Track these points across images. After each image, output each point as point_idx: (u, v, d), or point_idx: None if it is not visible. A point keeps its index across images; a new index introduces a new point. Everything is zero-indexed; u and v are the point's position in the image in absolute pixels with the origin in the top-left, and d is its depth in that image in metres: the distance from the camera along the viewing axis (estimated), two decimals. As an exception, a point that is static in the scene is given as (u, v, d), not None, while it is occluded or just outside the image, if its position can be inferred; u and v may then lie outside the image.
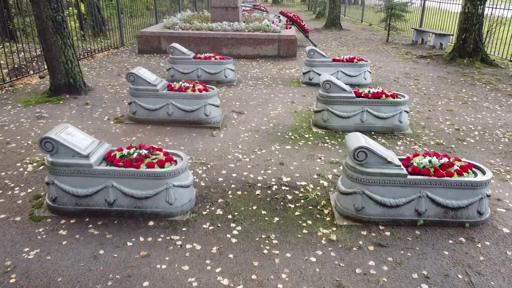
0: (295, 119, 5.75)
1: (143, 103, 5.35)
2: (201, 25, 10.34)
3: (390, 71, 8.92)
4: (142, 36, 10.11)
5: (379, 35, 14.99)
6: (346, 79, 7.43)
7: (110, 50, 10.64)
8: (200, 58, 7.50)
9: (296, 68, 8.98)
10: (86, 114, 5.75)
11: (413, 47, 12.04)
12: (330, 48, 11.93)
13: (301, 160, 4.44)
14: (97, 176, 3.23)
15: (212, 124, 5.41)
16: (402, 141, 5.01)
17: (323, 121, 5.33)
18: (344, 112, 5.23)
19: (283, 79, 8.07)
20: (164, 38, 10.01)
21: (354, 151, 3.16)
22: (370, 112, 5.21)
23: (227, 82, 7.55)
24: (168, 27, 10.56)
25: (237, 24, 10.39)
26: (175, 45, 7.45)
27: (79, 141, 3.32)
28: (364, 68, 7.48)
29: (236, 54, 9.94)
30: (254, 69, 8.84)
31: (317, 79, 7.40)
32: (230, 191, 3.77)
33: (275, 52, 9.91)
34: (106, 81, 7.55)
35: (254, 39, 9.82)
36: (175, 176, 3.26)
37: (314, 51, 7.38)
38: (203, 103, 5.30)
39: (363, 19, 21.12)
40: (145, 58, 9.76)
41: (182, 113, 5.36)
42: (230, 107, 6.21)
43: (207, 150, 4.66)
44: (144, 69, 5.48)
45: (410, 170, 3.26)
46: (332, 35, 15.04)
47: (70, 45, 6.19)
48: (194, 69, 7.47)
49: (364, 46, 12.32)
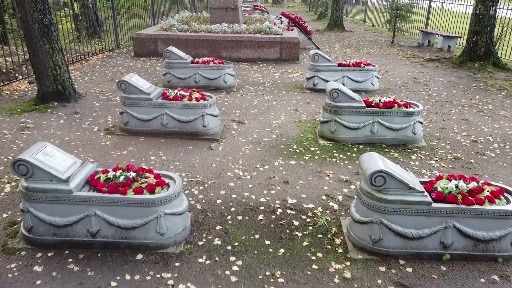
0: (300, 130, 5.37)
1: (136, 113, 4.97)
2: (200, 27, 9.97)
3: (397, 75, 8.54)
4: (138, 39, 9.73)
5: (384, 37, 14.62)
6: (352, 84, 7.05)
7: (105, 53, 10.26)
8: (198, 63, 7.12)
9: (299, 72, 8.60)
10: (75, 124, 5.37)
11: (420, 50, 11.66)
12: (333, 50, 11.55)
13: (308, 178, 4.06)
14: (78, 204, 2.85)
15: (210, 135, 5.03)
16: (417, 155, 4.63)
17: (330, 132, 4.95)
18: (353, 123, 4.85)
19: (285, 84, 7.69)
20: (161, 41, 9.63)
21: (371, 175, 2.78)
22: (381, 123, 4.83)
23: (226, 88, 7.17)
24: (165, 29, 10.18)
25: (237, 26, 10.01)
26: (171, 48, 7.07)
27: (58, 162, 2.94)
28: (372, 73, 7.10)
29: (236, 57, 9.57)
30: (255, 74, 8.46)
31: (322, 85, 7.04)
32: (229, 216, 3.39)
33: (276, 55, 9.54)
34: (99, 87, 7.16)
35: (255, 42, 9.45)
36: (167, 203, 2.88)
37: (319, 55, 7.00)
38: (200, 113, 4.92)
39: (365, 19, 20.76)
40: (141, 62, 9.38)
41: (177, 124, 4.98)
42: (230, 116, 5.83)
43: (204, 166, 4.28)
44: (137, 76, 5.10)
45: (434, 196, 2.88)
46: (335, 36, 14.67)
47: (58, 50, 5.81)
48: (191, 74, 7.09)
49: (369, 48, 11.95)
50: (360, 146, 4.84)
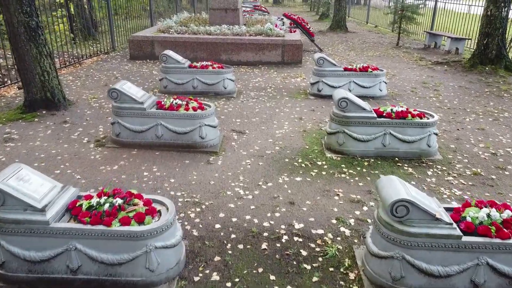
0: (305, 141, 5.02)
1: (128, 124, 4.62)
2: (199, 28, 9.62)
3: (405, 79, 8.19)
4: (134, 41, 9.38)
5: (388, 38, 14.27)
6: (359, 90, 6.71)
7: (100, 56, 9.92)
8: (196, 67, 6.77)
9: (302, 76, 8.25)
10: (63, 135, 5.02)
11: (427, 52, 11.31)
12: (336, 53, 11.21)
13: (315, 198, 3.71)
14: (56, 236, 2.50)
15: (208, 148, 4.68)
16: (433, 171, 4.28)
17: (338, 144, 4.60)
18: (363, 134, 4.50)
19: (288, 89, 7.34)
20: (158, 43, 9.28)
21: (392, 205, 2.43)
22: (394, 135, 4.48)
23: (226, 93, 6.82)
24: (162, 31, 9.83)
25: (237, 27, 9.66)
26: (168, 52, 6.72)
27: (34, 188, 2.59)
28: (380, 78, 6.75)
29: (236, 60, 9.22)
30: (256, 78, 8.11)
31: (327, 91, 6.70)
32: (229, 244, 3.04)
33: (278, 58, 9.19)
34: (91, 93, 6.81)
35: (256, 44, 9.10)
36: (158, 235, 2.53)
37: (324, 59, 6.65)
38: (198, 124, 4.57)
39: (368, 20, 20.41)
40: (137, 65, 9.03)
41: (173, 136, 4.63)
42: (230, 125, 5.48)
43: (202, 183, 3.93)
44: (130, 84, 4.75)
45: (463, 227, 2.53)
46: (338, 38, 14.32)
47: (46, 54, 5.46)
48: (189, 79, 6.74)
49: (373, 51, 11.60)
50: (370, 159, 4.49)
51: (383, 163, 4.42)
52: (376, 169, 4.28)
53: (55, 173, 4.05)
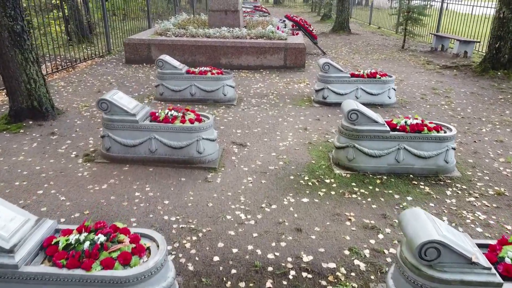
0: (311, 154, 4.67)
1: (119, 138, 4.26)
2: (197, 31, 9.27)
3: (413, 85, 7.84)
4: (130, 44, 9.03)
5: (393, 40, 13.93)
6: (367, 98, 6.36)
7: (95, 59, 9.56)
8: (194, 73, 6.41)
9: (306, 82, 7.90)
10: (50, 149, 4.66)
11: (434, 55, 10.96)
12: (340, 55, 10.86)
13: (325, 223, 3.35)
14: (27, 283, 2.15)
15: (206, 163, 4.32)
16: (452, 190, 3.92)
17: (347, 160, 4.24)
18: (375, 149, 4.15)
19: (291, 96, 6.99)
20: (155, 46, 8.93)
21: (421, 247, 2.08)
22: (409, 150, 4.13)
23: (226, 101, 6.47)
24: (159, 33, 9.48)
25: (237, 30, 9.32)
26: (164, 57, 6.37)
27: (2, 223, 2.23)
28: (388, 85, 6.40)
29: (237, 65, 8.87)
30: (257, 83, 7.76)
31: (333, 98, 6.36)
32: (229, 282, 2.69)
33: (281, 62, 8.84)
34: (83, 100, 6.46)
35: (257, 48, 8.75)
36: (146, 279, 2.17)
37: (329, 65, 6.30)
38: (195, 137, 4.22)
39: (371, 21, 20.09)
40: (133, 69, 8.68)
41: (168, 150, 4.28)
42: (230, 137, 5.13)
43: (199, 205, 3.58)
44: (121, 94, 4.40)
45: (502, 270, 2.17)
46: (341, 40, 13.97)
47: (33, 61, 5.12)
48: (187, 86, 6.39)
49: (378, 54, 11.25)
50: (383, 176, 4.14)
51: (397, 181, 4.07)
52: (390, 188, 3.93)
53: (38, 193, 3.69)
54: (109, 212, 3.43)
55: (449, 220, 3.42)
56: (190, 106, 6.24)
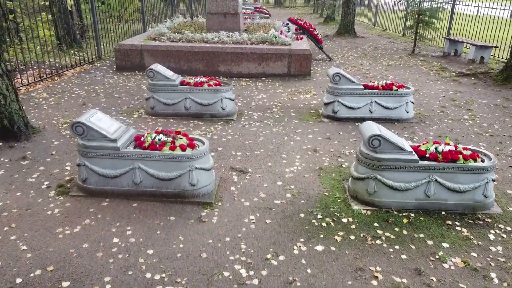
0: (323, 183, 4.03)
1: (97, 167, 3.63)
2: (194, 35, 8.64)
3: (430, 95, 7.21)
4: (121, 50, 8.40)
5: (401, 44, 13.30)
6: (382, 112, 5.74)
7: (84, 66, 8.93)
8: (189, 84, 5.78)
9: (313, 92, 7.26)
10: (19, 178, 4.02)
11: (447, 61, 10.32)
12: (347, 61, 10.23)
13: (345, 283, 2.71)
14: None
15: (200, 197, 3.68)
16: (495, 233, 3.28)
17: (367, 194, 3.60)
18: (401, 182, 3.51)
19: (297, 109, 6.35)
20: (148, 53, 8.30)
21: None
22: (441, 182, 3.49)
23: (224, 116, 5.83)
24: (153, 38, 8.85)
25: (237, 34, 8.69)
26: (156, 67, 5.74)
27: None
28: (406, 97, 5.76)
29: (237, 72, 8.24)
30: (259, 94, 7.13)
31: (344, 113, 5.73)
32: None
33: (284, 69, 8.21)
34: (64, 115, 5.82)
35: (258, 54, 8.12)
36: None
37: (340, 75, 5.67)
38: (186, 167, 3.58)
39: (376, 23, 19.49)
40: (124, 78, 8.04)
41: (156, 182, 3.64)
42: (229, 161, 4.49)
43: (190, 256, 2.94)
44: (100, 114, 3.76)
45: None
46: (346, 43, 13.35)
47: (2, 74, 4.48)
48: (181, 99, 5.75)
49: (388, 59, 10.62)
50: (410, 214, 3.50)
51: (427, 220, 3.43)
52: (420, 231, 3.28)
53: (-6, 240, 3.06)
54: (78, 268, 2.78)
55: (499, 278, 2.77)
56: (185, 121, 5.63)
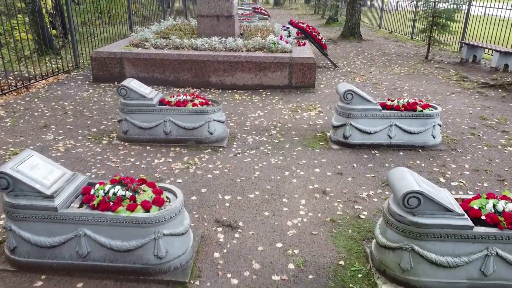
0: (336, 246, 3.07)
1: (29, 233, 2.66)
2: (182, 41, 7.68)
3: (455, 112, 6.25)
4: (98, 58, 7.43)
5: (411, 48, 12.35)
6: (403, 137, 4.79)
7: (58, 76, 7.96)
8: (169, 104, 4.82)
9: (318, 108, 6.30)
10: None
11: (466, 68, 9.36)
12: (354, 68, 9.27)
13: None
14: None
15: (170, 273, 2.71)
16: None
17: (401, 270, 2.63)
18: (447, 255, 2.55)
19: (300, 130, 5.39)
20: (129, 61, 7.34)
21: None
22: (503, 256, 2.53)
23: (212, 141, 4.87)
24: (136, 44, 7.89)
25: (231, 40, 7.73)
26: (129, 83, 4.78)
27: None
28: (433, 119, 4.80)
29: (230, 84, 7.28)
30: (255, 111, 6.17)
31: (358, 138, 4.79)
32: None
33: (285, 80, 7.25)
34: (17, 142, 4.84)
35: (255, 63, 7.16)
36: None
37: (353, 93, 4.70)
38: (151, 233, 2.61)
39: (381, 25, 18.56)
40: (100, 91, 7.08)
41: (109, 254, 2.66)
42: (213, 209, 3.52)
43: None
44: (38, 157, 2.78)
45: None
46: (352, 48, 12.40)
47: None
48: (159, 122, 4.79)
49: (399, 66, 9.67)
50: (461, 300, 2.54)
51: (486, 311, 2.47)
52: (480, 332, 2.32)
53: None
54: None
55: None
56: (164, 149, 4.67)
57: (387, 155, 4.65)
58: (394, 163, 4.47)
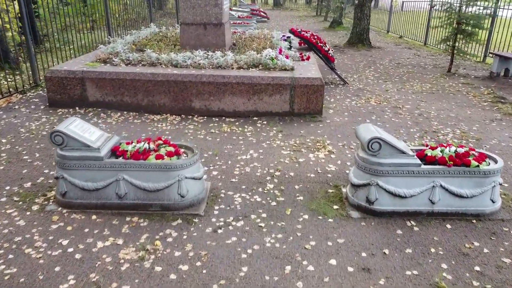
0: None
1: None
2: (160, 56, 6.35)
3: (503, 151, 4.91)
4: (54, 79, 6.08)
5: (428, 58, 11.04)
6: (450, 202, 3.46)
7: (10, 98, 6.62)
8: (124, 155, 3.48)
9: (327, 147, 4.96)
10: None
11: (499, 85, 8.03)
12: (367, 85, 7.95)
13: None
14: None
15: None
16: None
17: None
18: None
19: (305, 183, 4.06)
20: (92, 82, 6.00)
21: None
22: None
23: (185, 207, 3.51)
24: (103, 60, 6.56)
25: (219, 55, 6.39)
26: (66, 128, 3.42)
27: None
28: (492, 178, 3.45)
29: (217, 110, 5.96)
30: (247, 150, 4.84)
31: (388, 204, 3.47)
32: None
33: (285, 106, 5.92)
34: None
35: (248, 84, 5.83)
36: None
37: (380, 141, 3.36)
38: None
39: (389, 29, 17.26)
40: (55, 120, 5.74)
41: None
42: None
43: None
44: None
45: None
46: (361, 57, 11.08)
47: None
48: (110, 181, 3.43)
49: (419, 81, 8.35)
50: None
51: None
52: None
53: None
54: None
55: None
56: (117, 219, 3.34)
57: (430, 230, 3.33)
58: (441, 245, 3.15)
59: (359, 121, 5.85)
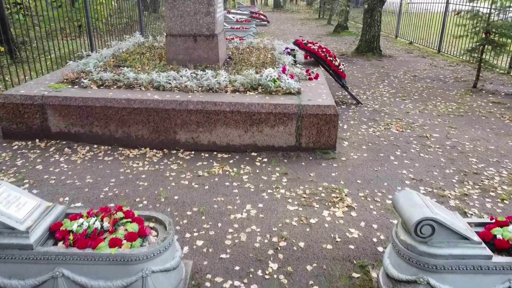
0: None
1: None
2: (138, 76, 5.32)
3: None
4: (8, 105, 5.04)
5: (446, 68, 10.02)
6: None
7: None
8: (65, 240, 2.44)
9: (345, 199, 3.92)
10: None
11: (536, 105, 7.02)
12: (383, 104, 6.93)
13: None
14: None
15: None
16: None
17: None
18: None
19: (320, 260, 3.03)
20: (54, 109, 4.96)
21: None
22: None
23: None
24: (71, 80, 5.52)
25: (210, 75, 5.36)
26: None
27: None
28: None
29: (208, 143, 4.92)
30: (241, 205, 3.80)
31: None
32: None
33: (290, 140, 4.88)
34: None
35: (246, 113, 4.79)
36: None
37: (434, 223, 2.32)
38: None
39: (398, 34, 16.25)
40: (7, 157, 4.71)
41: None
42: None
43: None
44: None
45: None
46: (372, 68, 10.06)
47: None
48: (44, 279, 2.38)
49: (442, 100, 7.32)
50: None
51: None
52: None
53: None
54: None
55: None
56: None
57: None
58: None
59: (381, 158, 4.82)
